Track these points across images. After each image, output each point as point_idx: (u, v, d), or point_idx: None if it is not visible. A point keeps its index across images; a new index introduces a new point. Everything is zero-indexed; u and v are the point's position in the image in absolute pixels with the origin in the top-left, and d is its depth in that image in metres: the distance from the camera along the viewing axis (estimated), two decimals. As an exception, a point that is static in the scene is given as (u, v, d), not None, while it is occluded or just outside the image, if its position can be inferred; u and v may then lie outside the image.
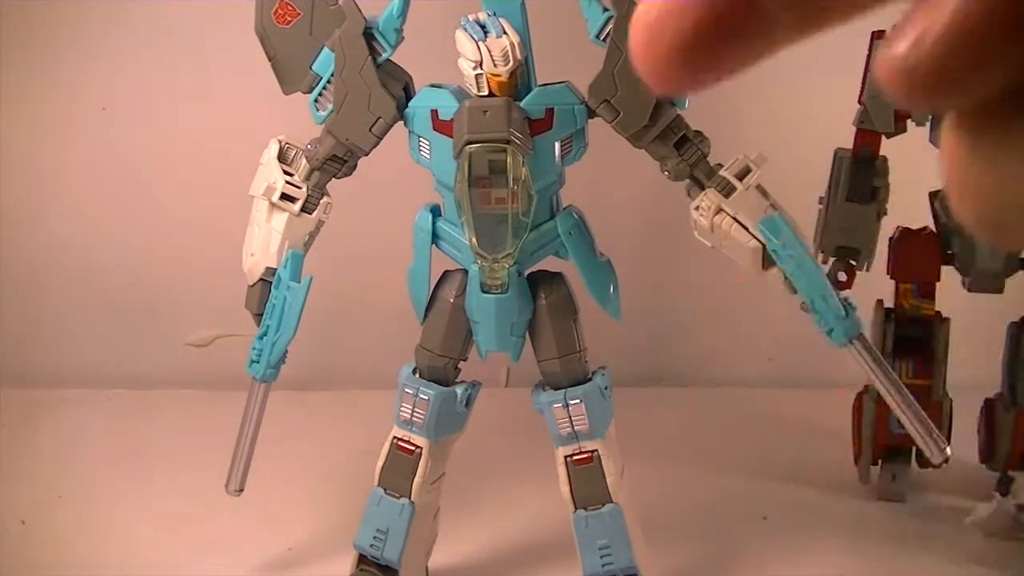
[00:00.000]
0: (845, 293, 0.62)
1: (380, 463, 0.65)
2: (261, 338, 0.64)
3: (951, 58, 0.15)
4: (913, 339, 0.79)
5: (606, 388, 0.63)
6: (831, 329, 0.58)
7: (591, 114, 0.59)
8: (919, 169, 0.55)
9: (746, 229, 0.58)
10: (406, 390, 0.63)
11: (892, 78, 0.16)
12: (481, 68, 0.56)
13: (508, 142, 0.57)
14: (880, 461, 0.81)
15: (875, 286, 0.80)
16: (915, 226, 0.81)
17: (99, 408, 1.02)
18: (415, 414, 0.63)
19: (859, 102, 0.77)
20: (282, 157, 0.64)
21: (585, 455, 0.62)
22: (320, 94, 0.61)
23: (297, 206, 0.63)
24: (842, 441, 0.83)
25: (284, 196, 0.63)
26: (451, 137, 0.58)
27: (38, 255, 1.09)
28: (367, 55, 0.59)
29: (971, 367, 0.81)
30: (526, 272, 0.62)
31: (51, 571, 0.72)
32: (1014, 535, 0.73)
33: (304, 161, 0.63)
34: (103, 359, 1.09)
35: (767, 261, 0.59)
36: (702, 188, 0.59)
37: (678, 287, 1.07)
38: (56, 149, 1.07)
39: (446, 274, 0.63)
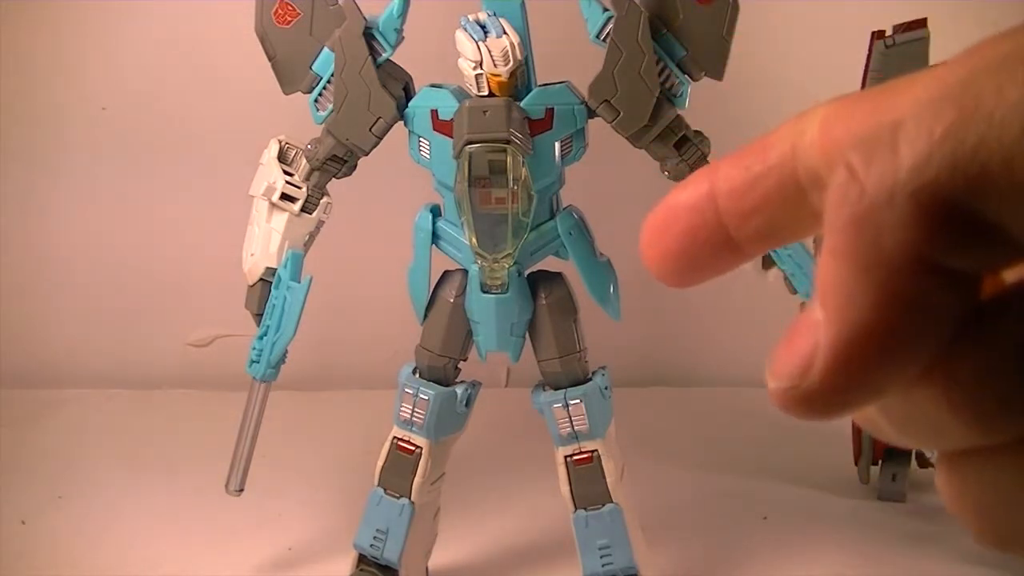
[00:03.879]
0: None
1: (380, 463, 0.65)
2: (261, 338, 0.64)
3: (841, 380, 0.16)
4: None
5: (606, 388, 0.63)
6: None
7: (591, 114, 0.59)
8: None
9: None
10: (406, 390, 0.63)
11: (787, 406, 0.17)
12: (481, 68, 0.56)
13: (508, 142, 0.57)
14: (880, 461, 0.81)
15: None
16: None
17: (99, 408, 1.02)
18: (415, 414, 0.63)
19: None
20: (282, 157, 0.64)
21: (585, 455, 0.62)
22: (320, 94, 0.61)
23: (297, 206, 0.63)
24: (842, 441, 0.83)
25: (284, 196, 0.63)
26: (451, 137, 0.58)
27: (38, 255, 1.09)
28: (367, 55, 0.59)
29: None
30: (526, 272, 0.62)
31: (51, 571, 0.72)
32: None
33: (304, 161, 0.63)
34: (103, 359, 1.09)
35: (767, 261, 0.59)
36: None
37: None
38: (56, 149, 1.07)
39: (446, 274, 0.63)
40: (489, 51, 0.56)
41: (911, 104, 0.16)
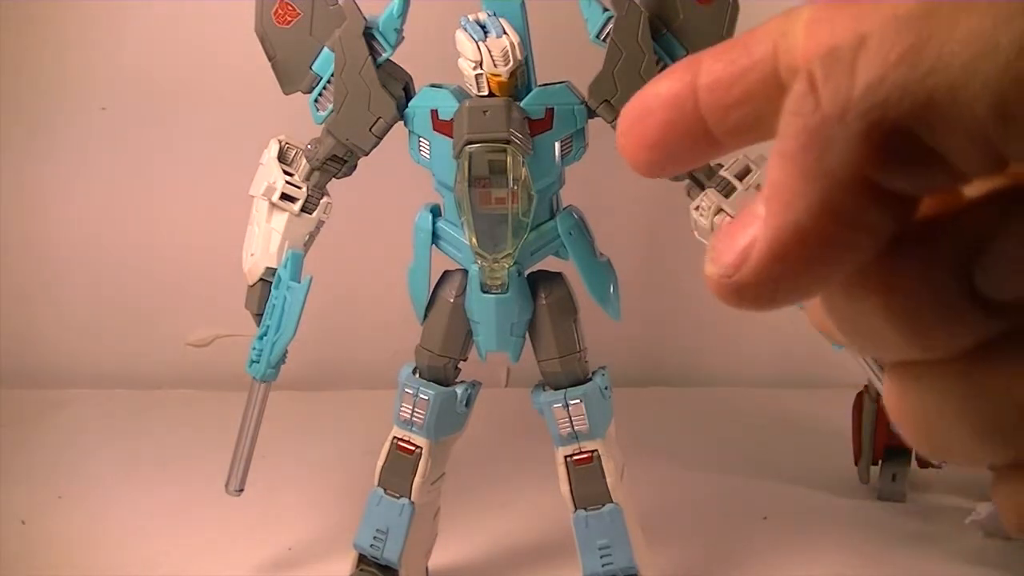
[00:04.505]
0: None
1: (380, 463, 0.65)
2: (261, 338, 0.64)
3: (772, 276, 0.17)
4: None
5: (606, 388, 0.63)
6: (831, 329, 0.58)
7: (591, 114, 0.59)
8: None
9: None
10: (406, 390, 0.63)
11: (720, 294, 0.18)
12: (481, 68, 0.56)
13: (508, 142, 0.57)
14: (880, 461, 0.81)
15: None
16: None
17: (99, 408, 1.02)
18: (415, 414, 0.63)
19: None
20: (282, 157, 0.64)
21: (585, 455, 0.62)
22: (320, 94, 0.61)
23: (297, 206, 0.63)
24: (842, 441, 0.83)
25: (284, 196, 0.63)
26: (451, 137, 0.58)
27: (38, 255, 1.09)
28: (367, 55, 0.59)
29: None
30: (526, 272, 0.62)
31: (51, 571, 0.71)
32: (1014, 535, 0.73)
33: (304, 161, 0.63)
34: (103, 359, 1.09)
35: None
36: (702, 188, 0.59)
37: (678, 287, 1.06)
38: (55, 148, 1.07)
39: (446, 274, 0.63)
40: (489, 51, 0.56)
41: (880, 20, 0.16)
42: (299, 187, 0.63)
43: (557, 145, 0.59)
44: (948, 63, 0.15)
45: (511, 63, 0.56)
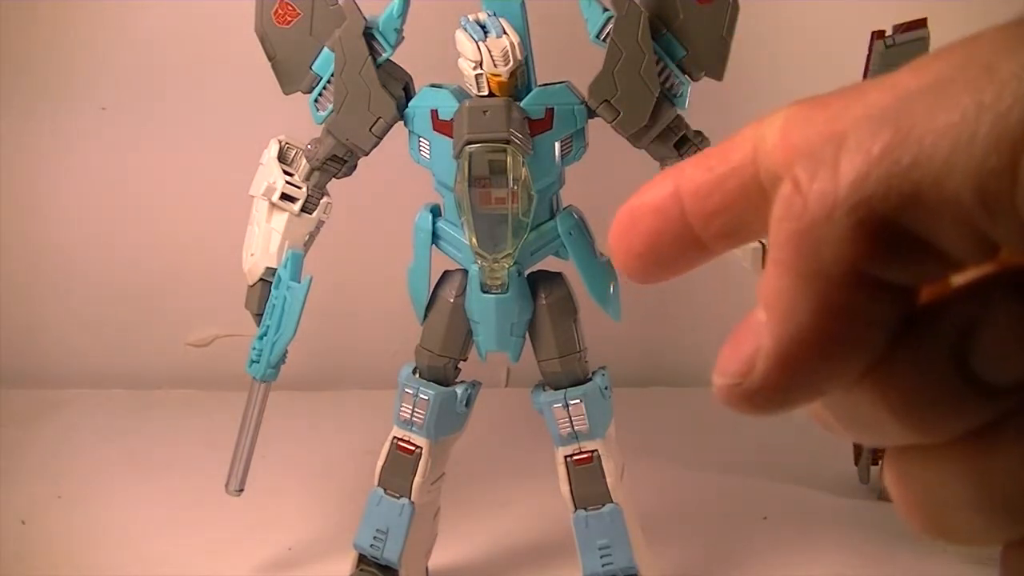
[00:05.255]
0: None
1: (380, 463, 0.65)
2: (261, 338, 0.64)
3: (780, 380, 0.17)
4: None
5: (606, 388, 0.63)
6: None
7: (591, 114, 0.59)
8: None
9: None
10: (406, 390, 0.63)
11: (730, 403, 0.18)
12: (481, 68, 0.56)
13: (508, 142, 0.57)
14: (880, 461, 0.81)
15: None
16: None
17: (99, 408, 1.02)
18: (415, 414, 0.63)
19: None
20: (282, 157, 0.64)
21: (585, 455, 0.62)
22: (320, 94, 0.61)
23: (297, 206, 0.63)
24: (842, 441, 0.83)
25: (284, 196, 0.63)
26: (451, 137, 0.58)
27: (38, 254, 1.09)
28: (367, 55, 0.59)
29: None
30: (526, 272, 0.62)
31: (51, 571, 0.71)
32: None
33: (304, 161, 0.63)
34: (103, 359, 1.09)
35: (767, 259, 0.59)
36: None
37: (678, 287, 1.06)
38: (55, 149, 1.07)
39: (446, 274, 0.63)
40: (489, 51, 0.56)
41: (856, 118, 0.17)
42: (299, 187, 0.63)
43: (557, 145, 0.59)
44: (931, 155, 0.15)
45: (511, 63, 0.56)
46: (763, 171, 0.19)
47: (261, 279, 0.64)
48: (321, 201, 0.64)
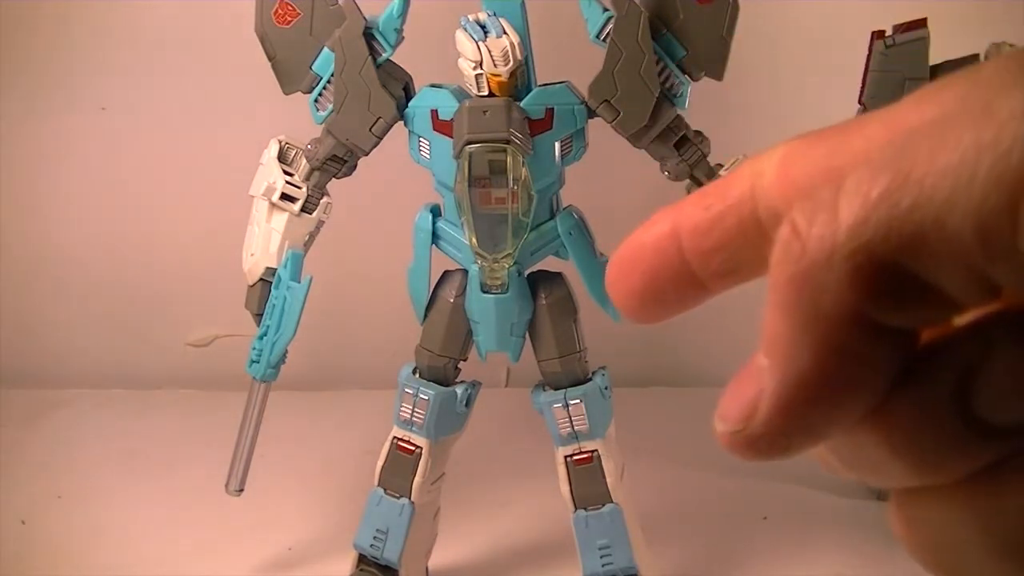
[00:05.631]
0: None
1: (380, 463, 0.65)
2: (261, 338, 0.64)
3: (783, 425, 0.17)
4: None
5: (606, 388, 0.63)
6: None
7: (591, 114, 0.59)
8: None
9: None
10: (406, 390, 0.63)
11: (733, 449, 0.18)
12: (481, 68, 0.56)
13: (508, 142, 0.57)
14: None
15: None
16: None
17: (99, 408, 1.02)
18: (415, 414, 0.63)
19: (859, 102, 0.77)
20: (282, 157, 0.64)
21: (585, 455, 0.62)
22: (320, 94, 0.61)
23: (297, 206, 0.63)
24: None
25: (284, 196, 0.63)
26: (451, 137, 0.58)
27: (38, 255, 1.09)
28: (367, 55, 0.59)
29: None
30: (526, 272, 0.62)
31: (51, 571, 0.72)
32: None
33: (304, 161, 0.63)
34: (103, 359, 1.09)
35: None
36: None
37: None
38: (55, 149, 1.07)
39: (446, 274, 0.63)
40: (489, 51, 0.56)
41: (854, 157, 0.17)
42: (299, 187, 0.63)
43: (557, 145, 0.59)
44: (931, 197, 0.15)
45: (511, 63, 0.56)
46: (761, 208, 0.19)
47: (261, 279, 0.64)
48: (321, 201, 0.64)
